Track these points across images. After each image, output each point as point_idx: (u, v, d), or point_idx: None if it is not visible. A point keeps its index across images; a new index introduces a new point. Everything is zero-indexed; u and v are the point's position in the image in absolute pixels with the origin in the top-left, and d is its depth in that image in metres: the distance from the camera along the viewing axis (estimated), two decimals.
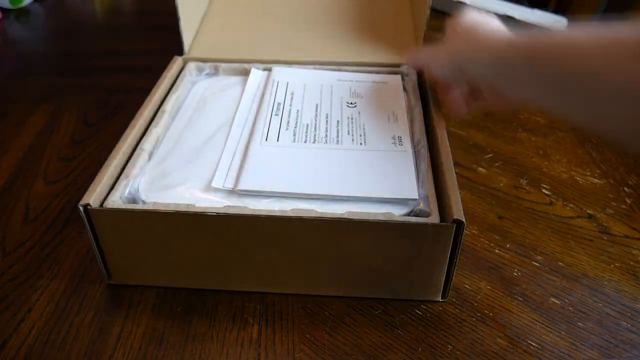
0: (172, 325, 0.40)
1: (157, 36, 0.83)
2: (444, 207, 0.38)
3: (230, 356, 0.38)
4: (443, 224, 0.36)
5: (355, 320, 0.40)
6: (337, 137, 0.45)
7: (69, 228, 0.48)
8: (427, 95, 0.50)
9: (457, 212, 0.36)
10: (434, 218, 0.37)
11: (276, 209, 0.38)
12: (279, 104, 0.49)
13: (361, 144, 0.44)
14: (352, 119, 0.47)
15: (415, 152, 0.44)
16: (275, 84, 0.52)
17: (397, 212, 0.38)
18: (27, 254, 0.45)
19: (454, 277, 0.39)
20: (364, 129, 0.46)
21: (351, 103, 0.49)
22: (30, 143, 0.59)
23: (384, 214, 0.37)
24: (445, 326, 0.40)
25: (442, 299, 0.41)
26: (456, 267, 0.38)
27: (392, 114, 0.48)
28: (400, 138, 0.45)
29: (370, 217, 0.36)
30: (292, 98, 0.50)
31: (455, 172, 0.40)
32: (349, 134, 0.45)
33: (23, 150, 0.58)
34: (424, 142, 0.44)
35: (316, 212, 0.37)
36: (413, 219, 0.37)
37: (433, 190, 0.40)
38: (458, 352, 0.38)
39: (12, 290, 0.42)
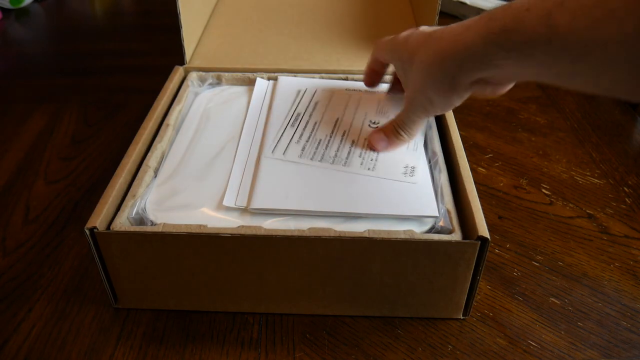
0: (172, 325, 0.40)
1: (157, 36, 0.83)
2: (466, 222, 0.37)
3: (230, 356, 0.38)
4: (467, 241, 0.35)
5: (355, 320, 0.40)
6: (347, 158, 0.43)
7: (69, 228, 0.48)
8: None
9: (481, 228, 0.35)
10: (457, 235, 0.36)
11: (292, 227, 0.37)
12: (298, 114, 0.48)
13: (369, 169, 0.42)
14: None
15: (431, 164, 0.43)
16: (301, 92, 0.50)
17: (417, 229, 0.37)
18: (27, 254, 0.45)
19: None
20: (377, 153, 0.43)
21: (374, 122, 0.47)
22: (31, 143, 0.59)
23: (405, 231, 0.36)
24: (445, 326, 0.40)
25: (463, 316, 0.40)
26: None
27: (413, 141, 0.45)
28: (413, 168, 0.42)
29: (391, 236, 0.35)
30: (314, 109, 0.48)
31: None
32: (360, 156, 0.43)
33: (23, 150, 0.58)
34: (440, 154, 0.43)
35: (334, 231, 0.36)
36: (435, 237, 0.36)
37: (453, 205, 0.39)
38: (458, 352, 0.38)
39: (12, 290, 0.42)
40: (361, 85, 0.52)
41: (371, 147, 0.43)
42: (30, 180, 0.53)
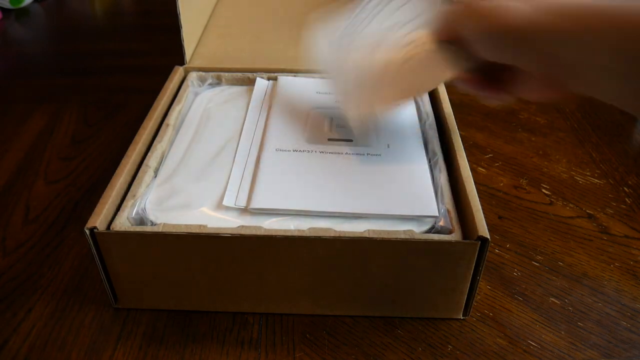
0: (172, 325, 0.40)
1: (157, 36, 0.83)
2: (466, 222, 0.37)
3: (230, 356, 0.38)
4: (467, 241, 0.35)
5: (355, 320, 0.40)
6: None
7: (69, 228, 0.48)
8: (437, 101, 0.50)
9: (481, 228, 0.35)
10: (457, 235, 0.36)
11: (292, 227, 0.37)
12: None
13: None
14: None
15: (431, 164, 0.43)
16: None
17: (417, 229, 0.37)
18: (27, 254, 0.45)
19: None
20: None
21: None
22: (30, 143, 0.59)
23: (405, 231, 0.36)
24: (445, 326, 0.40)
25: (463, 316, 0.40)
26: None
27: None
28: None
29: (391, 236, 0.35)
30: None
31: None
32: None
33: (23, 150, 0.58)
34: (440, 154, 0.43)
35: (334, 231, 0.36)
36: (435, 237, 0.36)
37: (453, 205, 0.39)
38: (458, 352, 0.38)
39: (12, 290, 0.42)
40: None
41: None
42: (30, 180, 0.53)
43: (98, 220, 0.36)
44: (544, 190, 0.52)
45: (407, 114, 0.49)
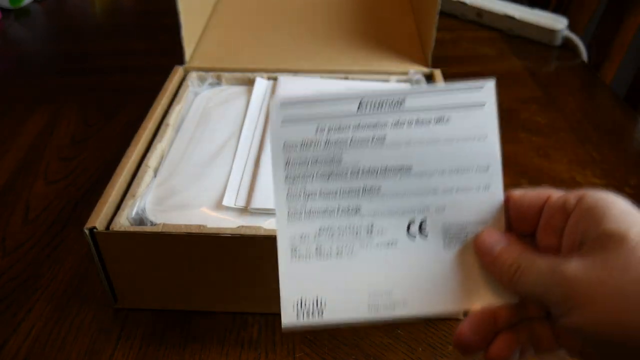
0: (172, 325, 0.40)
1: (157, 36, 0.83)
2: None
3: (230, 356, 0.38)
4: None
5: None
6: None
7: (69, 228, 0.48)
8: None
9: None
10: None
11: None
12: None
13: None
14: None
15: None
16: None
17: None
18: (27, 254, 0.45)
19: None
20: None
21: None
22: (30, 143, 0.59)
23: None
24: (445, 326, 0.40)
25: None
26: None
27: None
28: None
29: None
30: None
31: None
32: None
33: (23, 150, 0.58)
34: None
35: None
36: None
37: None
38: (458, 353, 0.38)
39: (12, 290, 0.42)
40: (359, 84, 0.52)
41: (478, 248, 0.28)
42: (30, 180, 0.53)
43: (98, 220, 0.36)
44: None
45: None
